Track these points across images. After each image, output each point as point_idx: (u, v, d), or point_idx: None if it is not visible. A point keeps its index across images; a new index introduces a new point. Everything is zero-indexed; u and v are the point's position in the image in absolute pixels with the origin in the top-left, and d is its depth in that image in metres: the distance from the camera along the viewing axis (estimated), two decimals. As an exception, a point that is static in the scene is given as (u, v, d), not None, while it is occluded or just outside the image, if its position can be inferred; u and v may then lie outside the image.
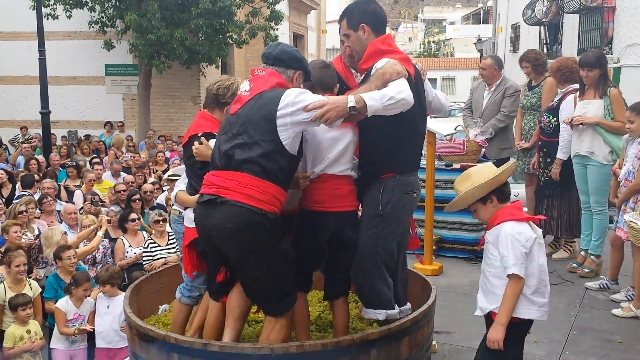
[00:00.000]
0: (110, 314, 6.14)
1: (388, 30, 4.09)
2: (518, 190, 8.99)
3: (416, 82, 3.49)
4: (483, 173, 3.41)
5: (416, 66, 3.62)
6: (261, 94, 3.21)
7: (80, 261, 6.90)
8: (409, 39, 68.68)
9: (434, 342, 4.17)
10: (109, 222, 7.78)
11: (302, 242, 3.50)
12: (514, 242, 3.21)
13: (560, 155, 6.12)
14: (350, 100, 3.09)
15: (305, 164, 3.50)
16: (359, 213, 3.67)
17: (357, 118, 3.24)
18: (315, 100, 3.10)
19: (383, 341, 3.29)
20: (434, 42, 65.98)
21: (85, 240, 7.39)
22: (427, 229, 5.93)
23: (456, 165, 6.46)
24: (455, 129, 6.48)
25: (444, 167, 6.46)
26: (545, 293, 3.33)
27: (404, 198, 3.54)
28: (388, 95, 3.13)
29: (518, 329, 3.31)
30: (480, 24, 56.40)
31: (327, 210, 3.47)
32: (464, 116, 7.49)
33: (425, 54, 62.43)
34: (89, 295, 6.23)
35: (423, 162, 6.73)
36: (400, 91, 3.17)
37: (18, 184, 10.00)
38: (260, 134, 3.13)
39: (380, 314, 3.52)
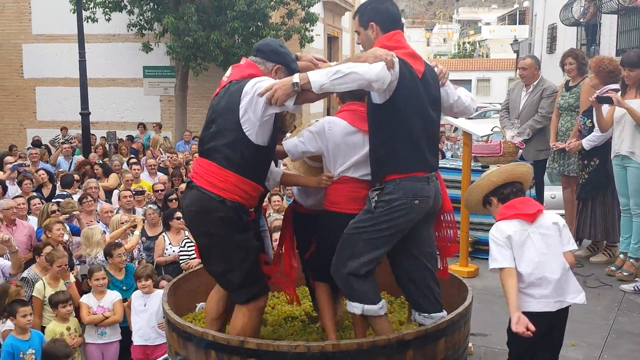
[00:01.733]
0: (146, 311, 6.24)
1: (421, 32, 4.09)
2: (555, 192, 8.86)
3: (423, 79, 3.37)
4: (484, 176, 3.63)
5: (428, 64, 3.53)
6: (231, 84, 3.33)
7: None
8: (444, 40, 68.19)
9: (470, 344, 4.15)
10: (143, 220, 7.92)
11: (323, 240, 3.62)
12: (492, 239, 3.44)
13: (585, 144, 6.13)
14: (294, 77, 3.10)
15: (329, 164, 3.60)
16: None
17: (307, 96, 3.16)
18: (269, 84, 3.15)
19: (419, 342, 3.28)
20: (469, 43, 65.38)
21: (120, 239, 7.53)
22: (463, 231, 5.89)
23: (492, 167, 6.40)
24: (491, 130, 6.42)
25: (480, 168, 6.40)
26: (545, 285, 3.37)
27: (403, 203, 3.31)
28: (335, 70, 3.07)
29: (530, 321, 3.31)
30: (516, 24, 55.74)
31: (343, 212, 3.51)
32: (500, 117, 7.42)
33: (460, 55, 61.91)
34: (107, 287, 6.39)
35: (458, 163, 6.72)
36: (353, 67, 3.07)
37: (58, 184, 10.23)
38: (225, 123, 3.26)
39: (356, 308, 3.40)
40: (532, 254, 3.39)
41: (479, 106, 35.73)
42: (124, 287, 6.70)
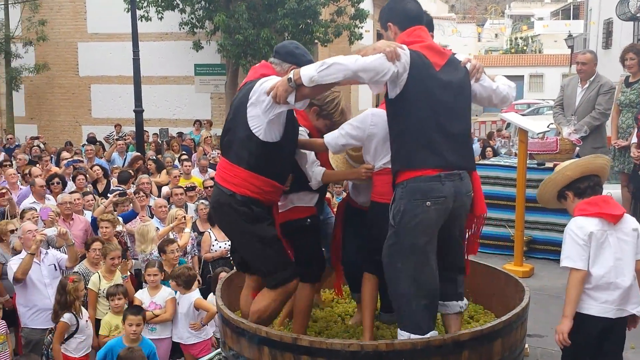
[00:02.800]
0: (179, 311, 6.32)
1: (472, 27, 3.96)
2: (611, 190, 8.58)
3: (441, 73, 3.26)
4: (558, 169, 3.50)
5: (455, 59, 3.39)
6: (246, 84, 3.43)
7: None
8: (495, 35, 67.04)
9: (526, 345, 4.05)
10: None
11: (370, 231, 3.61)
12: (571, 235, 3.32)
13: None
14: (290, 74, 3.16)
15: (371, 155, 3.62)
16: None
17: (303, 91, 3.16)
18: (273, 83, 3.23)
19: (475, 342, 3.21)
20: (521, 38, 64.10)
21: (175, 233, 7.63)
22: (518, 230, 5.76)
23: (548, 164, 6.25)
24: (548, 127, 6.26)
25: (535, 166, 6.25)
26: (612, 290, 3.27)
27: (414, 208, 3.20)
28: (322, 62, 3.10)
29: (585, 323, 3.22)
30: (570, 19, 54.35)
31: (388, 202, 3.43)
32: (554, 114, 7.23)
33: (512, 50, 60.78)
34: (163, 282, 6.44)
35: (513, 160, 6.57)
36: (339, 58, 3.09)
37: (112, 179, 10.45)
38: (236, 122, 3.41)
39: (402, 336, 3.31)
40: (608, 257, 3.28)
41: (532, 102, 35.03)
42: None
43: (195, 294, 6.38)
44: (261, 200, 3.43)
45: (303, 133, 3.66)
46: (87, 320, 6.05)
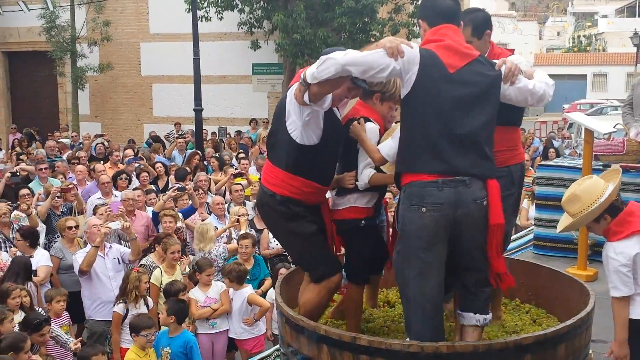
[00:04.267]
0: (233, 307, 6.39)
1: (533, 25, 3.82)
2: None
3: (456, 75, 3.14)
4: (592, 193, 3.30)
5: (482, 62, 3.26)
6: (290, 87, 3.45)
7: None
8: (557, 33, 65.39)
9: (590, 351, 3.93)
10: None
11: None
12: (614, 264, 3.30)
13: None
14: (302, 73, 3.23)
15: None
16: None
17: (312, 90, 3.18)
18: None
19: (538, 346, 3.14)
20: (584, 36, 62.33)
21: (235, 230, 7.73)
22: (582, 232, 5.60)
23: (615, 166, 6.05)
24: (614, 128, 6.07)
25: (601, 167, 6.07)
26: None
27: (412, 214, 3.12)
28: (320, 59, 3.13)
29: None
30: (635, 16, 52.51)
31: None
32: (623, 114, 6.98)
33: (575, 49, 59.14)
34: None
35: (577, 162, 6.39)
36: (334, 53, 3.10)
37: (170, 177, 10.68)
38: (276, 125, 3.52)
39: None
40: None
41: (595, 102, 33.98)
42: (249, 277, 6.84)
43: (248, 290, 6.46)
44: (301, 200, 3.51)
45: (374, 129, 3.62)
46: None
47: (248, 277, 6.75)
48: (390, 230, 4.03)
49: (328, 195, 3.82)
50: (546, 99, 3.40)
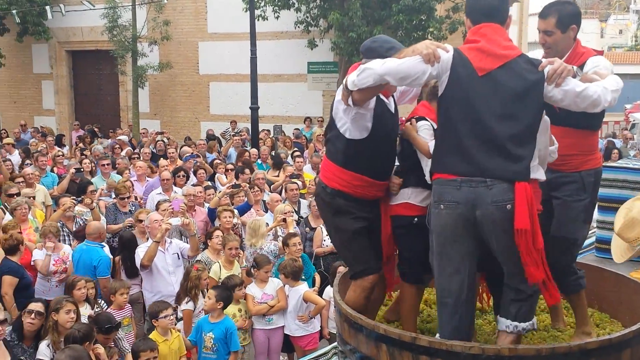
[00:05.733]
0: (288, 304, 6.43)
1: (595, 23, 3.67)
2: None
3: (487, 78, 3.11)
4: None
5: (521, 60, 3.17)
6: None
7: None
8: (620, 31, 63.38)
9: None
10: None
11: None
12: None
13: None
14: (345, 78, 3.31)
15: None
16: None
17: (354, 96, 3.29)
18: None
19: (602, 351, 3.06)
20: (648, 34, 60.17)
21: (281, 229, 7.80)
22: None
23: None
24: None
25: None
26: None
27: (434, 211, 3.23)
28: (360, 68, 3.20)
29: None
30: None
31: None
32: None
33: (638, 47, 57.18)
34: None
35: (628, 161, 6.19)
36: (373, 62, 3.16)
37: (218, 175, 10.86)
38: (332, 119, 3.60)
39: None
40: None
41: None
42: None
43: (304, 287, 6.51)
44: (351, 194, 3.56)
45: (425, 125, 3.61)
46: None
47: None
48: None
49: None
50: (601, 104, 3.22)
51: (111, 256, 7.16)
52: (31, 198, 8.45)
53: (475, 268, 3.25)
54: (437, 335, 3.34)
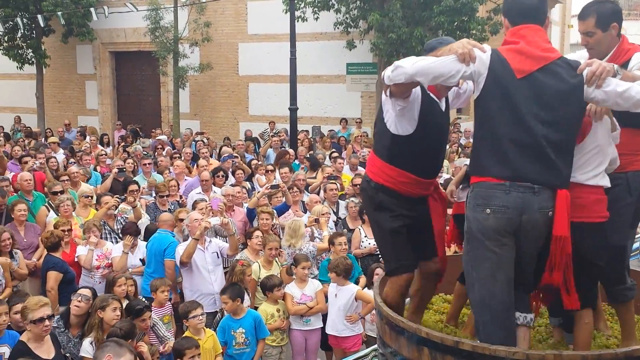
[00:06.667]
0: (336, 303, 6.40)
1: (638, 25, 3.52)
2: None
3: (526, 80, 3.06)
4: None
5: (560, 63, 3.12)
6: None
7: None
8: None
9: None
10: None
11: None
12: None
13: None
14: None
15: None
16: None
17: (392, 89, 3.32)
18: None
19: (652, 360, 2.98)
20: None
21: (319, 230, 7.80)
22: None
23: None
24: None
25: None
26: None
27: (477, 214, 3.13)
28: (393, 64, 3.23)
29: None
30: None
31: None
32: None
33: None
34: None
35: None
36: (405, 60, 3.18)
37: (257, 176, 10.91)
38: (378, 115, 3.62)
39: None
40: None
41: None
42: None
43: (354, 286, 6.47)
44: (395, 190, 3.55)
45: None
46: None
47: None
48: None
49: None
50: (630, 102, 3.14)
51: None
52: (89, 197, 8.62)
53: (513, 272, 3.19)
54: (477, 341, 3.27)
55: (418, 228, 3.64)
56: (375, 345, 4.19)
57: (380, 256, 7.42)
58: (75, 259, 7.02)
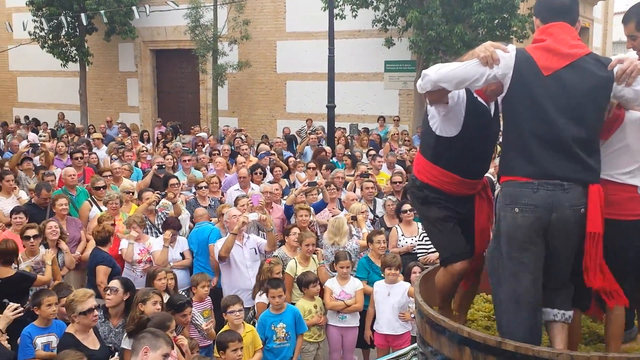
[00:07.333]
0: (390, 302, 6.38)
1: None
2: None
3: (553, 77, 3.04)
4: None
5: (589, 59, 3.09)
6: None
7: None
8: None
9: None
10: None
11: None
12: None
13: None
14: None
15: None
16: None
17: (428, 96, 3.35)
18: None
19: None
20: None
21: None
22: None
23: None
24: None
25: None
26: None
27: (505, 213, 3.13)
28: (422, 73, 3.26)
29: None
30: None
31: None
32: None
33: None
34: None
35: None
36: (432, 68, 3.22)
37: (296, 173, 10.95)
38: (425, 115, 3.62)
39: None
40: None
41: None
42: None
43: (407, 283, 6.43)
44: (440, 189, 3.57)
45: None
46: None
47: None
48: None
49: None
50: None
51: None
52: (130, 193, 8.78)
53: (540, 271, 3.17)
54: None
55: (464, 225, 3.63)
56: (415, 344, 4.17)
57: (417, 255, 7.44)
58: (119, 253, 7.17)
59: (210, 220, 7.96)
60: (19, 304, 5.06)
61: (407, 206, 7.78)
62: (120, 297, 5.53)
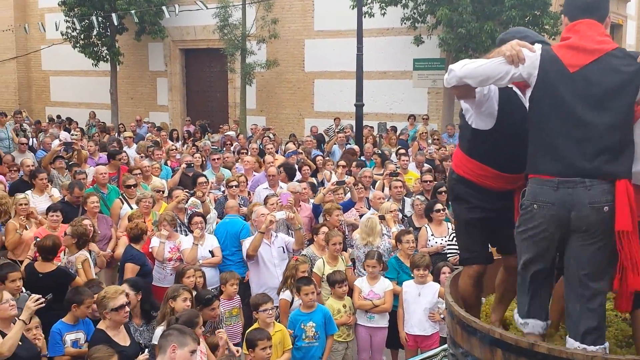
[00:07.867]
0: (421, 302, 6.33)
1: None
2: None
3: (578, 75, 3.01)
4: None
5: (615, 54, 3.04)
6: None
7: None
8: None
9: None
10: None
11: None
12: None
13: None
14: None
15: None
16: None
17: (454, 91, 3.37)
18: None
19: None
20: None
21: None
22: None
23: None
24: None
25: None
26: None
27: (525, 211, 3.14)
28: (449, 68, 3.26)
29: None
30: None
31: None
32: None
33: None
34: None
35: None
36: (456, 65, 3.20)
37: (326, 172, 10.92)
38: (461, 109, 3.64)
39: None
40: None
41: None
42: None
43: (437, 284, 6.39)
44: (474, 182, 3.56)
45: None
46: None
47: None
48: None
49: None
50: None
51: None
52: (160, 192, 8.85)
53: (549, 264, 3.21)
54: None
55: (500, 222, 3.59)
56: (445, 345, 4.13)
57: (447, 256, 7.37)
58: (150, 250, 7.23)
59: (248, 220, 7.94)
60: (40, 295, 5.06)
61: (438, 206, 7.72)
62: (134, 298, 5.57)
